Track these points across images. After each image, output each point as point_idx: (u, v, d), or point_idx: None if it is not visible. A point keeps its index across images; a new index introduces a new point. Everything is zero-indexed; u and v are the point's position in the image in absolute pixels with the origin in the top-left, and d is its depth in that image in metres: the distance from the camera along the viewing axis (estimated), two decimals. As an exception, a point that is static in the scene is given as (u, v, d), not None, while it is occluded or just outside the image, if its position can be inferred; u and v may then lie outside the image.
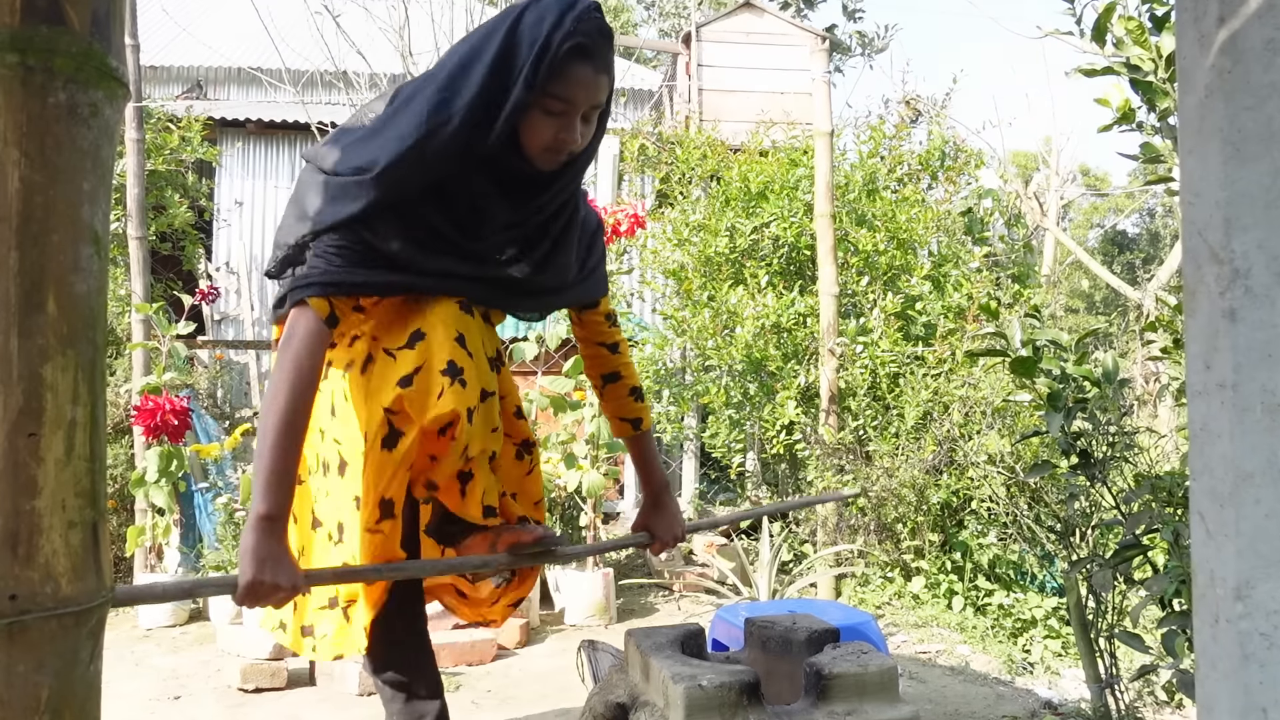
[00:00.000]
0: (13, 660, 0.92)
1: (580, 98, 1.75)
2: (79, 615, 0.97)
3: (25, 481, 0.92)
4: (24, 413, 0.92)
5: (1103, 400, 2.64)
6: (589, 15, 1.72)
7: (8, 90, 0.92)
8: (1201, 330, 0.90)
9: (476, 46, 1.76)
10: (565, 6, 1.70)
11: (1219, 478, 0.89)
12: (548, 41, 1.68)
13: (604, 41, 1.75)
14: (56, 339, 0.94)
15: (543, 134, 1.76)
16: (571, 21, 1.69)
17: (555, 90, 1.72)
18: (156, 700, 3.59)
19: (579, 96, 1.75)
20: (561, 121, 1.75)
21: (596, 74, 1.75)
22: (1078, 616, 2.89)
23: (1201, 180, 0.90)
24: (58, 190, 0.94)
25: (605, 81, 1.79)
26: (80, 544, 0.97)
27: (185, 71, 11.79)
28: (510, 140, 1.76)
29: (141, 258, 5.03)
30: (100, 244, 0.99)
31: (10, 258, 0.92)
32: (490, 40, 1.74)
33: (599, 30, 1.73)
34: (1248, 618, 0.86)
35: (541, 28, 1.69)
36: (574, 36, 1.69)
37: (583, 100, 1.76)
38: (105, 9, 0.99)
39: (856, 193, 6.49)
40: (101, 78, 0.98)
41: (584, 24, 1.70)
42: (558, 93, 1.72)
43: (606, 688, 2.05)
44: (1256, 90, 0.85)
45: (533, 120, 1.74)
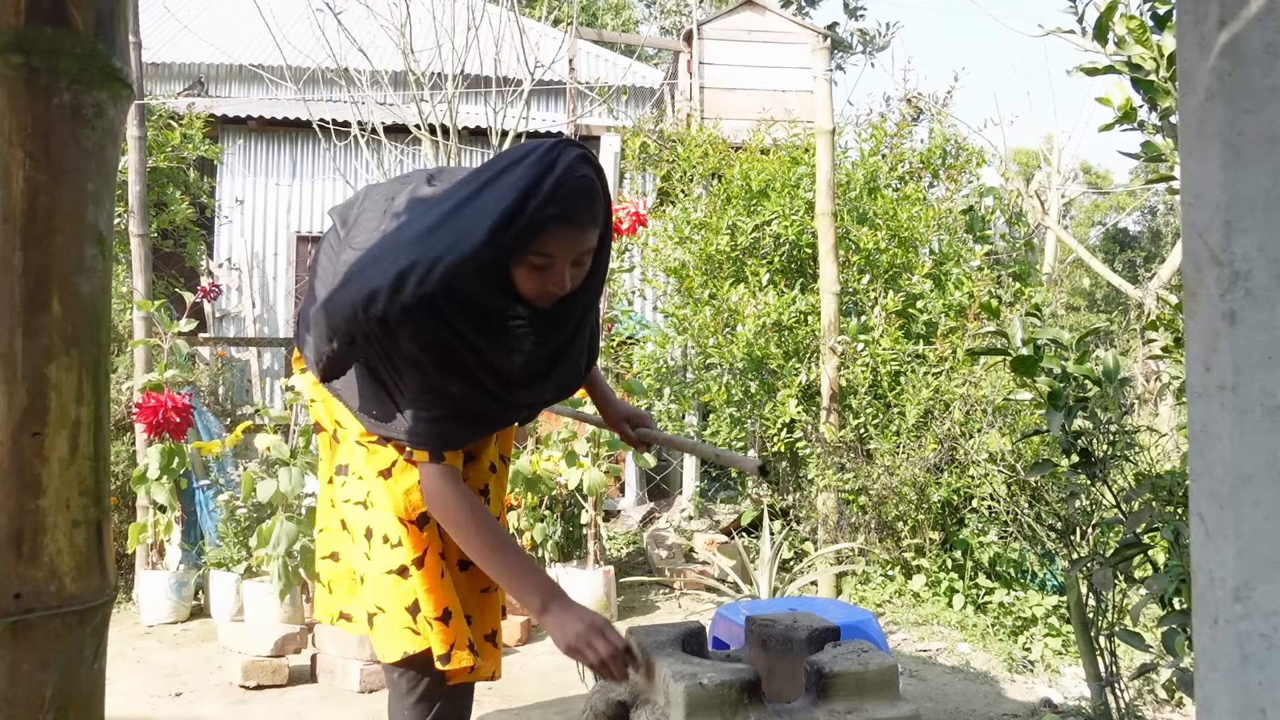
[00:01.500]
0: (17, 658, 0.93)
1: (561, 255, 1.73)
2: (83, 613, 0.98)
3: (30, 480, 0.93)
4: (29, 412, 0.93)
5: (1104, 399, 2.64)
6: (568, 179, 1.67)
7: (12, 91, 0.92)
8: (1201, 332, 0.90)
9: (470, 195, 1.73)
10: (543, 169, 1.65)
11: (1218, 479, 0.89)
12: (518, 209, 1.64)
13: (584, 201, 1.71)
14: (61, 339, 0.94)
15: (531, 285, 1.77)
16: (549, 188, 1.65)
17: (536, 248, 1.70)
18: (158, 697, 3.60)
19: (559, 255, 1.73)
20: (547, 275, 1.75)
21: (580, 230, 1.73)
22: (1078, 615, 2.90)
23: (1202, 183, 0.91)
24: (62, 191, 0.94)
25: (591, 232, 1.76)
26: (84, 543, 0.98)
27: (187, 68, 11.79)
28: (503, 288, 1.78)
29: (143, 255, 5.04)
30: (104, 244, 0.99)
31: (15, 258, 0.92)
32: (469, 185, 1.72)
33: (578, 193, 1.69)
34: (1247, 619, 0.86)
35: (517, 189, 1.64)
36: (549, 205, 1.65)
37: (565, 256, 1.73)
38: (109, 10, 1.00)
39: (858, 191, 6.49)
40: (105, 79, 0.98)
41: (562, 190, 1.66)
42: (539, 250, 1.71)
43: (607, 686, 2.06)
44: (1257, 94, 0.86)
45: (520, 272, 1.75)
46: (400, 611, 1.98)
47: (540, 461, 4.84)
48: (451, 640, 1.97)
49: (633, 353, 6.55)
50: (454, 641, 1.97)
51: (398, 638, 1.99)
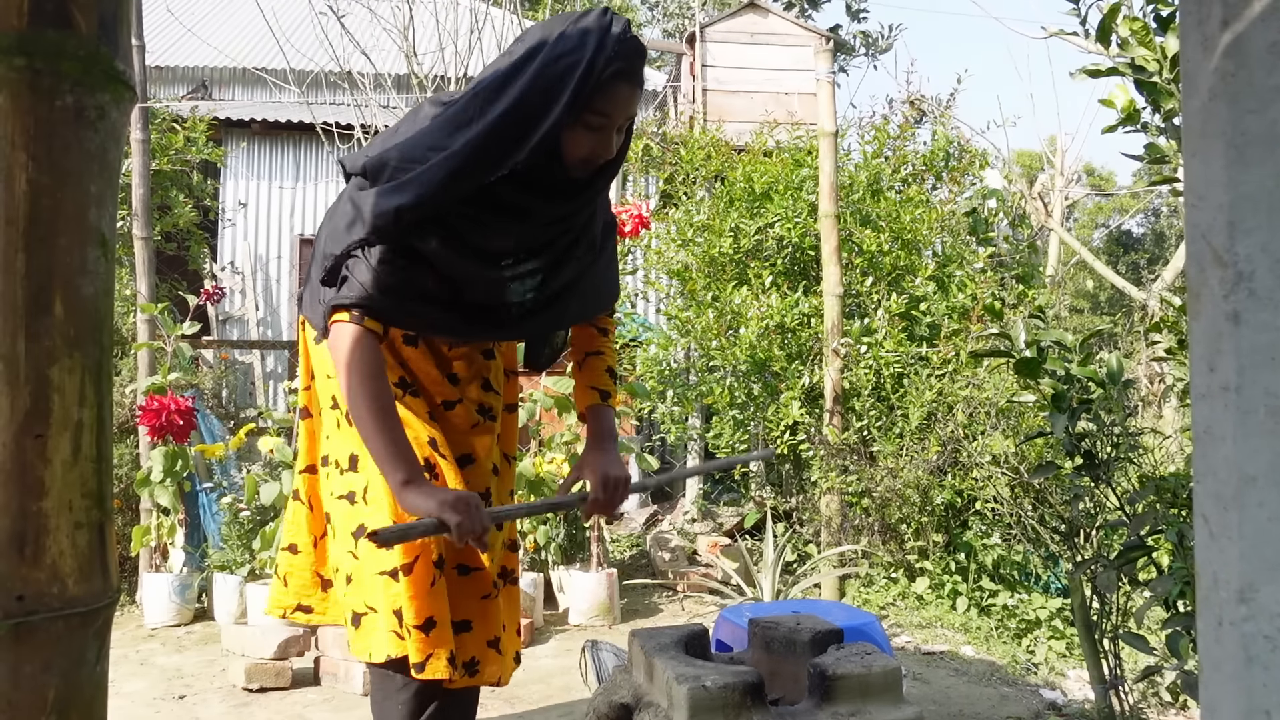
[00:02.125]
0: (20, 660, 0.93)
1: (619, 114, 1.85)
2: (86, 616, 0.98)
3: (32, 483, 0.93)
4: (31, 414, 0.93)
5: (1107, 401, 2.64)
6: (628, 36, 1.81)
7: (15, 94, 0.92)
8: (1205, 333, 0.90)
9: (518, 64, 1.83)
10: (605, 28, 1.79)
11: (1222, 480, 0.89)
12: (591, 65, 1.76)
13: (640, 59, 1.85)
14: (63, 341, 0.94)
15: (581, 147, 1.85)
16: (614, 45, 1.78)
17: (597, 107, 1.81)
18: (161, 700, 3.60)
19: (618, 113, 1.84)
20: (599, 135, 1.85)
21: (634, 90, 1.86)
22: (1082, 617, 2.89)
23: (1205, 183, 0.90)
24: (65, 193, 0.94)
25: (640, 95, 1.89)
26: (87, 545, 0.97)
27: (190, 72, 11.81)
28: (550, 152, 1.84)
29: (147, 258, 5.04)
30: (107, 246, 0.99)
31: (18, 260, 0.92)
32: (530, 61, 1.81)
33: (637, 51, 1.83)
34: (1251, 620, 0.86)
35: (584, 51, 1.77)
36: (617, 60, 1.78)
37: (620, 115, 1.86)
38: (112, 12, 1.00)
39: (861, 193, 6.49)
40: (108, 81, 0.98)
41: (624, 45, 1.80)
42: (600, 109, 1.81)
43: (611, 688, 2.06)
44: (1260, 94, 0.85)
45: (573, 135, 1.83)
46: (388, 614, 1.97)
47: (543, 463, 4.84)
48: (430, 651, 1.92)
49: (636, 355, 6.55)
50: (432, 652, 1.93)
51: (384, 639, 1.98)
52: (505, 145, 1.81)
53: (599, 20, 1.81)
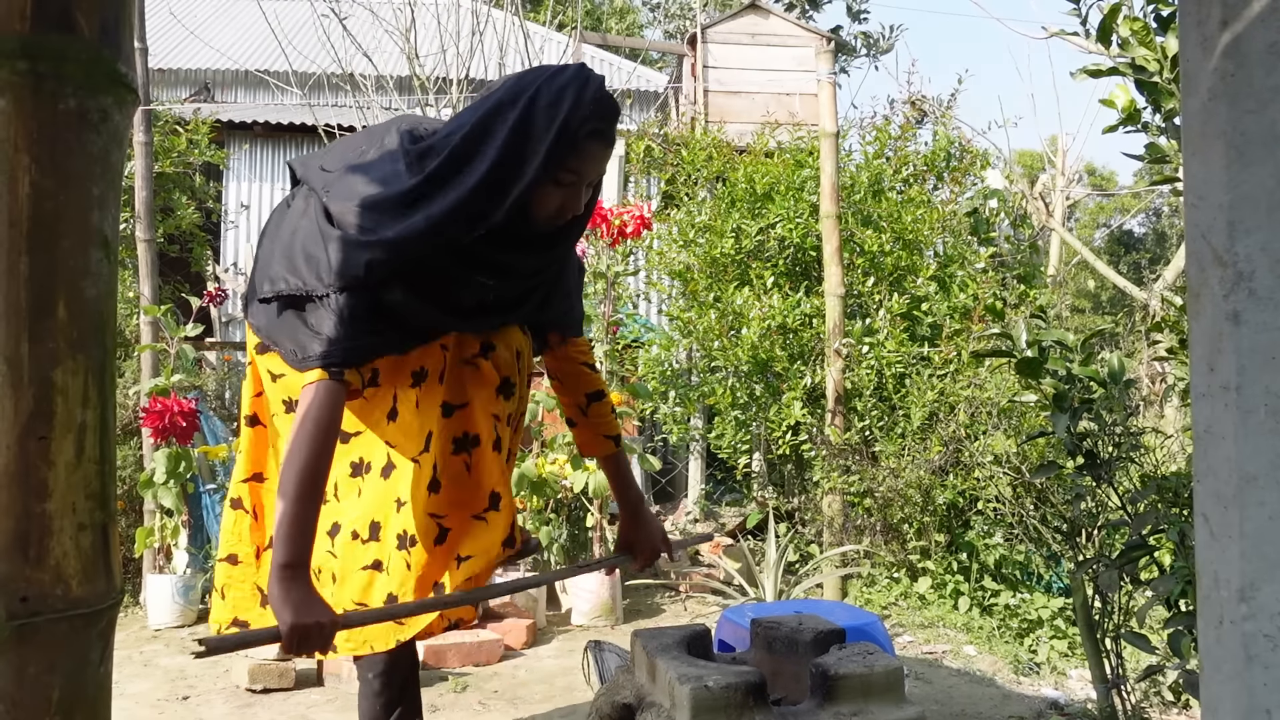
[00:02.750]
0: (24, 661, 0.93)
1: (590, 172, 1.84)
2: (89, 617, 0.98)
3: (36, 484, 0.93)
4: (35, 416, 0.93)
5: (1109, 401, 2.64)
6: (604, 95, 1.79)
7: (18, 97, 0.93)
8: (1205, 333, 0.90)
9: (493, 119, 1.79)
10: (580, 86, 1.77)
11: (1223, 480, 0.89)
12: (567, 124, 1.74)
13: (614, 118, 1.84)
14: (66, 343, 0.94)
15: (550, 203, 1.84)
16: (590, 105, 1.76)
17: (570, 165, 1.79)
18: (165, 700, 3.60)
19: (589, 171, 1.84)
20: (569, 192, 1.84)
21: (606, 149, 1.84)
22: (1084, 617, 2.89)
23: (1205, 183, 0.91)
24: (68, 196, 0.95)
25: (610, 153, 1.88)
26: (90, 546, 0.98)
27: (193, 74, 11.83)
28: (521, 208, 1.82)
29: (150, 260, 5.05)
30: (110, 249, 0.99)
31: (21, 263, 0.92)
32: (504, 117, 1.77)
33: (612, 110, 1.82)
34: (1252, 619, 0.86)
35: (560, 109, 1.74)
36: (592, 120, 1.76)
37: (592, 173, 1.85)
38: (115, 16, 1.00)
39: (862, 193, 6.49)
40: (111, 84, 0.99)
41: (600, 105, 1.78)
42: (572, 167, 1.80)
43: (613, 688, 2.06)
44: (1259, 94, 0.86)
45: (544, 191, 1.81)
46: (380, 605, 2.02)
47: (545, 464, 4.84)
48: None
49: (637, 356, 6.55)
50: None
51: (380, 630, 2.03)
52: (482, 206, 1.78)
53: (577, 77, 1.78)
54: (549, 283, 2.06)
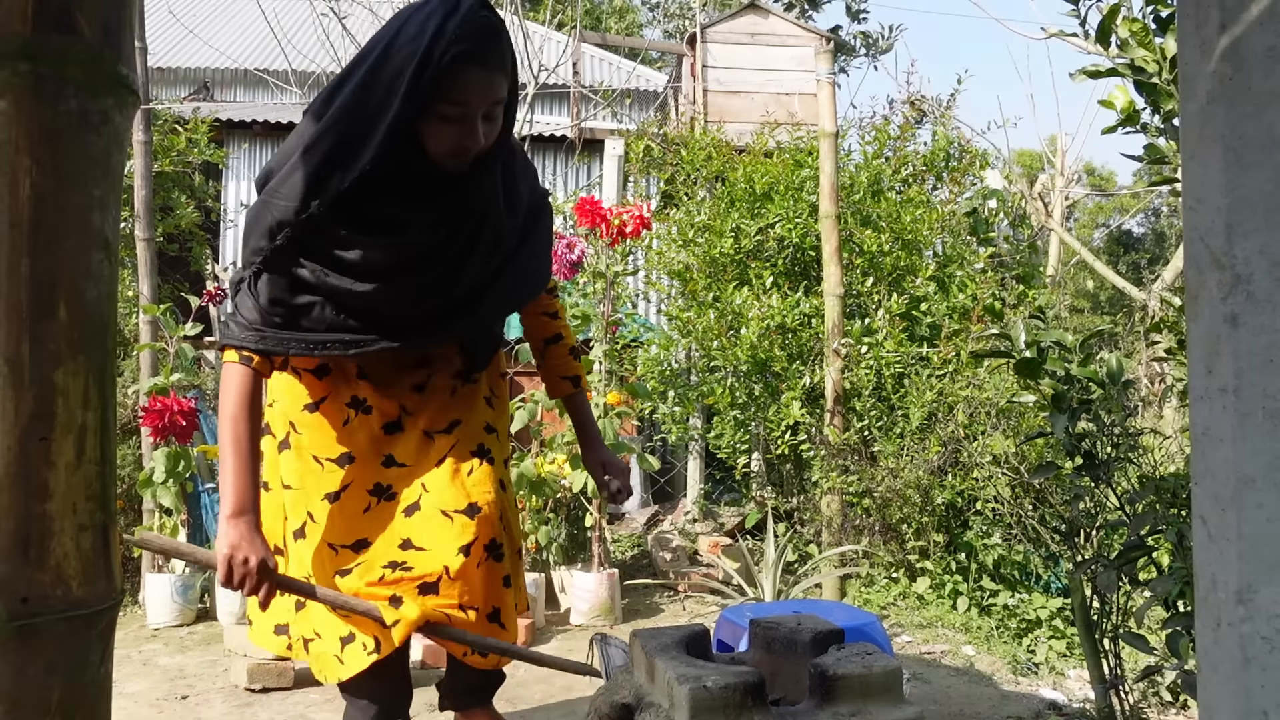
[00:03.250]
0: (24, 662, 0.93)
1: (475, 101, 1.71)
2: (90, 617, 0.98)
3: (37, 485, 0.93)
4: (35, 417, 0.93)
5: (1107, 401, 2.64)
6: (474, 17, 1.66)
7: (20, 98, 0.93)
8: (1203, 335, 0.91)
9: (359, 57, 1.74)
10: (447, 12, 1.65)
11: (1221, 482, 0.89)
12: (428, 54, 1.63)
13: (491, 40, 1.70)
14: (67, 344, 0.95)
15: (443, 140, 1.73)
16: (454, 29, 1.64)
17: (449, 97, 1.68)
18: (164, 700, 3.60)
19: (473, 100, 1.71)
20: (461, 126, 1.72)
21: (489, 73, 1.71)
22: (1082, 617, 2.89)
23: (1203, 186, 0.91)
24: (69, 197, 0.95)
25: (500, 78, 1.74)
26: (91, 547, 0.98)
27: (192, 73, 11.82)
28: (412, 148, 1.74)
29: (149, 259, 5.05)
30: (110, 250, 1.00)
31: (22, 264, 0.93)
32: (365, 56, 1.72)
33: (484, 30, 1.67)
34: (1249, 621, 0.86)
35: (421, 40, 1.64)
36: (457, 44, 1.64)
37: (478, 103, 1.72)
38: (115, 17, 1.00)
39: (861, 193, 6.49)
40: (112, 85, 0.99)
41: (467, 27, 1.65)
42: (452, 98, 1.69)
43: (611, 688, 2.06)
44: (1258, 97, 0.86)
45: (431, 128, 1.72)
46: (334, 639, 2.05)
47: (544, 464, 4.84)
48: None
49: (636, 355, 6.55)
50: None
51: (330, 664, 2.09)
52: (348, 147, 1.70)
53: (444, 3, 1.66)
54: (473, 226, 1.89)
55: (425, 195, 1.80)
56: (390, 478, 2.06)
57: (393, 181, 1.75)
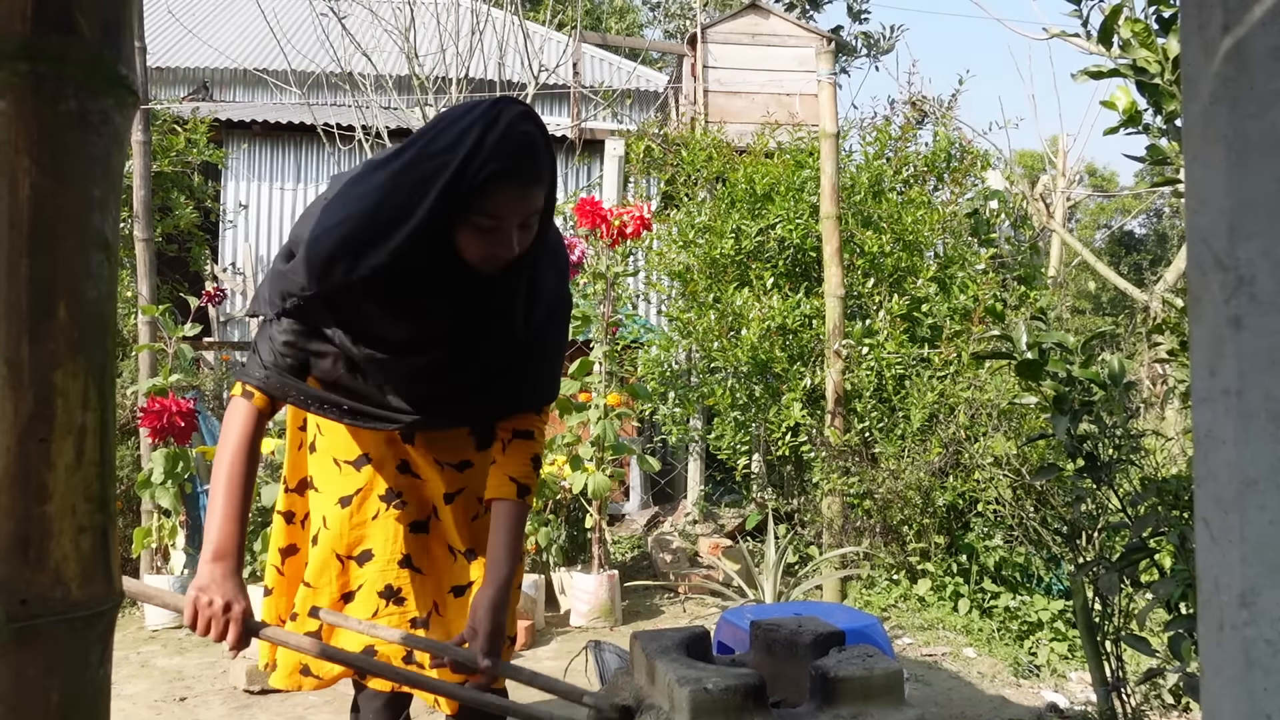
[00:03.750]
0: (23, 664, 0.93)
1: (510, 215, 1.67)
2: (89, 619, 0.98)
3: (36, 487, 0.93)
4: (35, 418, 0.93)
5: (1109, 403, 2.64)
6: (512, 133, 1.61)
7: (19, 98, 0.92)
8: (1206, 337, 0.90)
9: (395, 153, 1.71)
10: (485, 128, 1.60)
11: (1223, 484, 0.89)
12: (462, 170, 1.59)
13: (530, 156, 1.64)
14: (67, 345, 0.94)
15: (475, 248, 1.69)
16: (491, 145, 1.59)
17: (482, 209, 1.64)
18: (163, 702, 3.60)
19: (508, 214, 1.66)
20: (493, 236, 1.68)
21: (525, 188, 1.66)
22: (1084, 619, 2.89)
23: (1206, 187, 0.90)
24: (68, 197, 0.95)
25: (537, 191, 1.69)
26: (90, 549, 0.98)
27: (191, 73, 11.83)
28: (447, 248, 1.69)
29: (148, 259, 5.05)
30: (110, 251, 0.99)
31: (21, 264, 0.92)
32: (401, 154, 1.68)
33: (523, 147, 1.63)
34: (1253, 624, 0.86)
35: (456, 153, 1.60)
36: (493, 161, 1.60)
37: (513, 216, 1.67)
38: (115, 17, 1.00)
39: (862, 194, 6.49)
40: (111, 85, 0.98)
41: (505, 144, 1.60)
42: (486, 211, 1.65)
43: (612, 690, 2.06)
44: (1261, 98, 0.85)
45: (464, 235, 1.68)
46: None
47: (545, 465, 4.84)
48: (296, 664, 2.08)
49: (637, 356, 6.55)
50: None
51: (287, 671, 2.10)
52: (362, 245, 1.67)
53: (482, 118, 1.61)
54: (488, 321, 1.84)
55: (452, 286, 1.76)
56: (402, 484, 2.07)
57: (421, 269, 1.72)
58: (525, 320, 1.87)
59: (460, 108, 1.68)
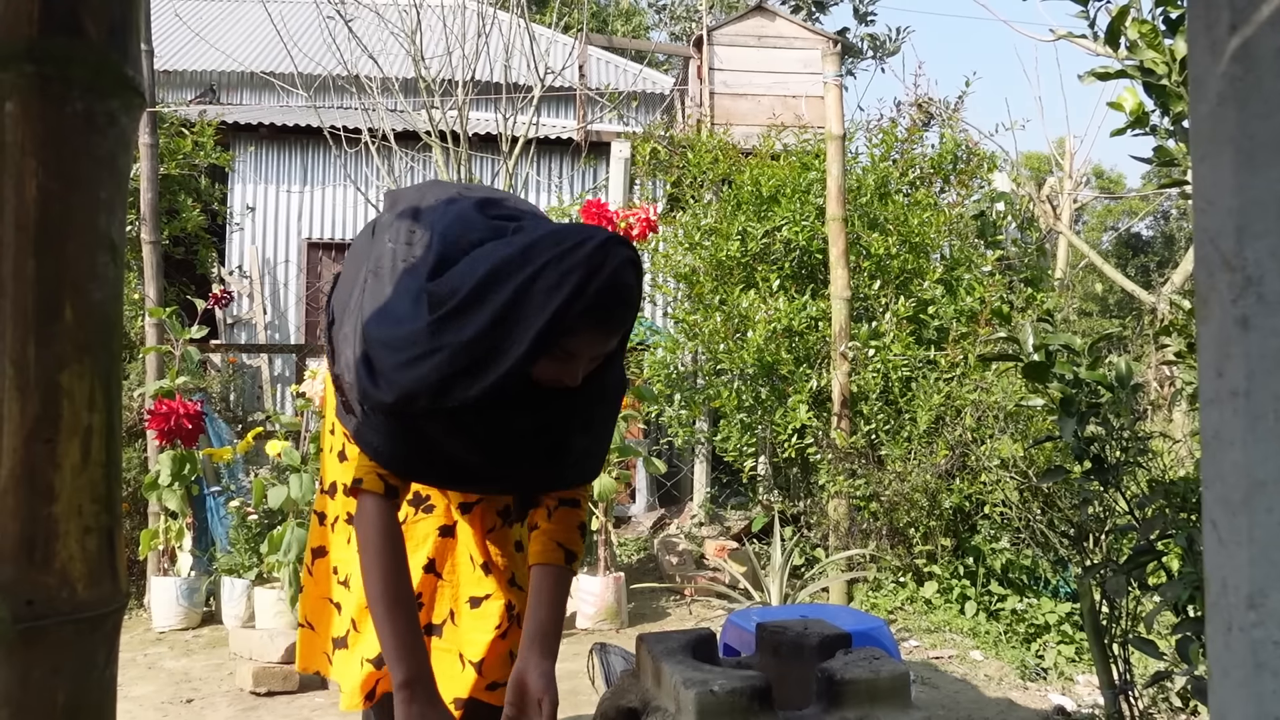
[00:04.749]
0: (30, 665, 0.93)
1: (585, 353, 1.65)
2: (95, 620, 0.98)
3: (42, 488, 0.93)
4: (41, 419, 0.93)
5: (1116, 405, 2.63)
6: (613, 282, 1.57)
7: (26, 100, 0.93)
8: (1214, 338, 0.90)
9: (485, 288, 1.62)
10: (588, 273, 1.55)
11: (1231, 486, 0.88)
12: (561, 313, 1.55)
13: (623, 307, 1.62)
14: (74, 347, 0.94)
15: (545, 372, 1.66)
16: (593, 296, 1.55)
17: (563, 345, 1.61)
18: (169, 703, 3.60)
19: (584, 352, 1.65)
20: (564, 366, 1.66)
21: (608, 334, 1.65)
22: (1091, 622, 2.88)
23: (1213, 188, 0.90)
24: (75, 199, 0.95)
25: (617, 335, 1.68)
26: (96, 549, 0.98)
27: (199, 76, 11.86)
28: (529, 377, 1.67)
29: (155, 262, 5.06)
30: (116, 252, 0.99)
31: (28, 266, 0.92)
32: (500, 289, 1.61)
33: (619, 299, 1.59)
34: (1261, 626, 0.86)
35: (559, 295, 1.55)
36: (592, 312, 1.57)
37: (587, 355, 1.66)
38: (122, 19, 1.00)
39: (868, 196, 6.48)
40: (118, 87, 0.99)
41: (605, 297, 1.57)
42: (566, 346, 1.62)
43: (618, 692, 2.05)
44: (1269, 98, 0.85)
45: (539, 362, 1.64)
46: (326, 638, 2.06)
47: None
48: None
49: (643, 358, 6.55)
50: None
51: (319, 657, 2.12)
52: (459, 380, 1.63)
53: (588, 261, 1.55)
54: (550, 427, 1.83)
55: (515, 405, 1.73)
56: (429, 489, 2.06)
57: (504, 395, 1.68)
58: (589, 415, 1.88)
59: (565, 239, 1.60)
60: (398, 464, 1.78)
